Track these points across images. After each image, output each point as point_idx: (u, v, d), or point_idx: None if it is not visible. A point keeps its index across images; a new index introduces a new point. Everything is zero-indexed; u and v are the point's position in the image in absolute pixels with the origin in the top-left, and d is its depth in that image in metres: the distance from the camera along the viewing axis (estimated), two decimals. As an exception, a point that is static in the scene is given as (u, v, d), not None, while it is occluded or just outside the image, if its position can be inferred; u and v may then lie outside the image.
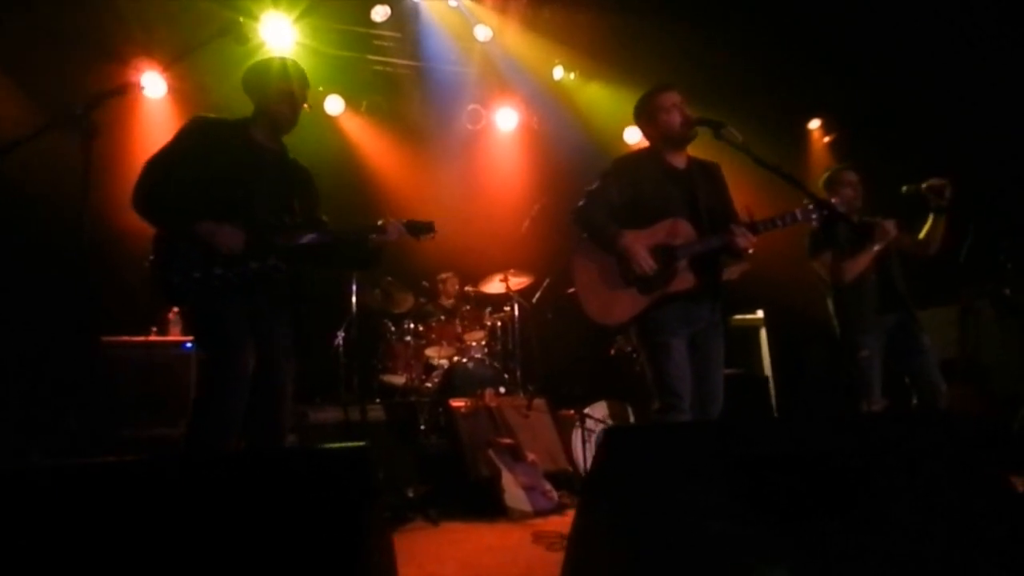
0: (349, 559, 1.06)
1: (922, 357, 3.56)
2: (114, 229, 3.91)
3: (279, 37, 6.01)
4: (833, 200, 3.03)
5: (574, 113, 7.04)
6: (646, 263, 2.78)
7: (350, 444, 1.19)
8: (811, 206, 2.64)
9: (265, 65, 2.77)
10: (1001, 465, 2.00)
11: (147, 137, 5.76)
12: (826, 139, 6.80)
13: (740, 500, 1.21)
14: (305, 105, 2.81)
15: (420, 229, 2.99)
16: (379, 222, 2.87)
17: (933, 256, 3.61)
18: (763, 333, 6.44)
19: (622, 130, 6.98)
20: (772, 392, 6.17)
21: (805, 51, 6.10)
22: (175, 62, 4.55)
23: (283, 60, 2.84)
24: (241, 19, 5.66)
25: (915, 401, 3.59)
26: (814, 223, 2.74)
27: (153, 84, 5.65)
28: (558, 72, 6.91)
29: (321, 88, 6.45)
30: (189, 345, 4.47)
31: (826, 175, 3.80)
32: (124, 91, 2.09)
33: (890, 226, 3.47)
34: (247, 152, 2.66)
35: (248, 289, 2.52)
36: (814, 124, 6.84)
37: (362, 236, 2.81)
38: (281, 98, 2.69)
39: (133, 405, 3.59)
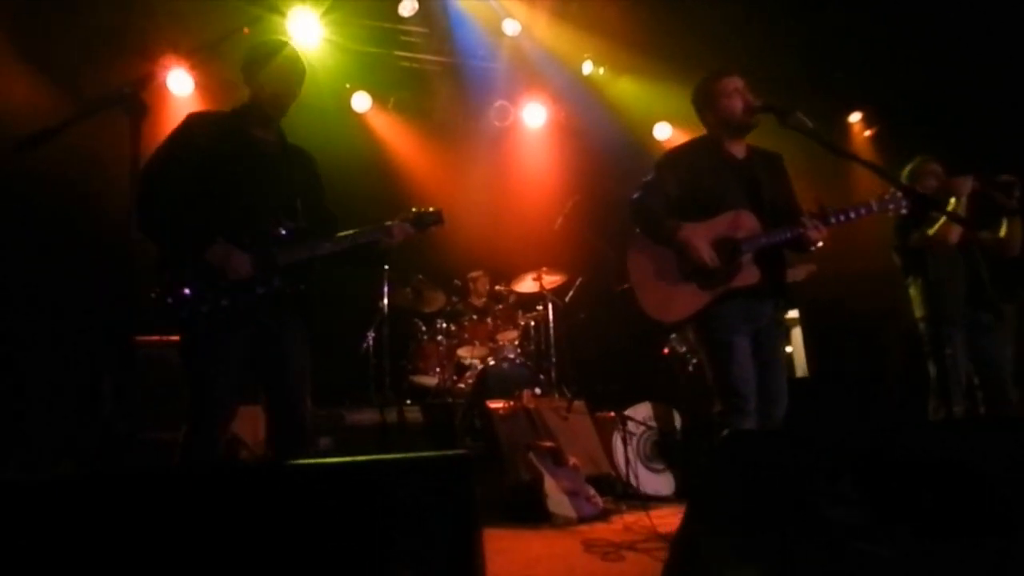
0: (457, 568, 0.95)
1: (1002, 367, 3.43)
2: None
3: (306, 33, 5.93)
4: (932, 188, 3.23)
5: (604, 108, 6.90)
6: (708, 256, 2.63)
7: (451, 452, 1.07)
8: (898, 195, 2.49)
9: (260, 48, 2.62)
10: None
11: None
12: (867, 133, 6.60)
13: (891, 518, 1.07)
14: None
15: (426, 221, 2.82)
16: (386, 223, 2.72)
17: (1016, 256, 3.46)
18: (797, 333, 6.26)
19: (652, 125, 6.83)
20: (811, 394, 6.01)
21: (844, 43, 5.92)
22: (198, 53, 4.47)
23: (278, 42, 2.69)
24: (269, 16, 5.60)
25: (982, 408, 3.43)
26: (891, 212, 2.58)
27: (180, 81, 5.58)
28: (587, 66, 6.77)
29: (348, 85, 6.37)
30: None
31: (909, 166, 3.72)
32: (160, 76, 1.97)
33: (967, 181, 3.34)
34: (243, 150, 2.50)
35: (255, 314, 2.41)
36: (855, 118, 6.64)
37: (366, 242, 2.67)
38: (272, 84, 2.53)
39: (170, 406, 3.48)
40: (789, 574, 1.04)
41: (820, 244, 2.67)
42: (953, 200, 3.46)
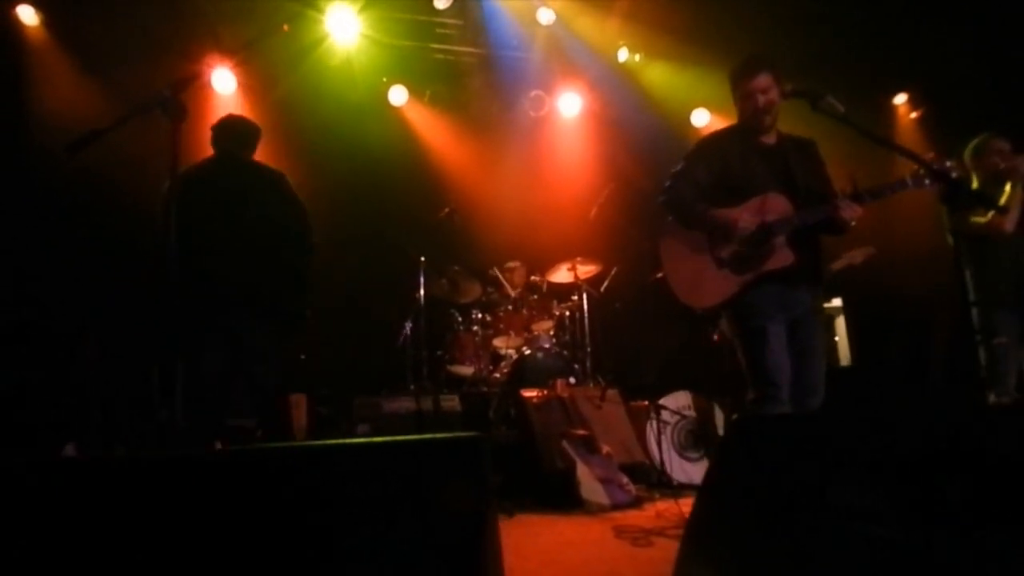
0: (471, 550, 0.99)
1: None
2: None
3: (343, 29, 6.03)
4: (997, 167, 3.26)
5: (639, 96, 6.84)
6: (745, 221, 2.62)
7: (465, 434, 1.12)
8: (922, 172, 2.43)
9: None
10: None
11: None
12: (913, 114, 6.40)
13: (904, 503, 1.07)
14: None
15: None
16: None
17: None
18: (841, 322, 6.13)
19: (689, 112, 6.75)
20: (854, 384, 5.89)
21: (888, 22, 5.74)
22: (241, 52, 4.61)
23: None
24: (307, 12, 5.71)
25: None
26: (928, 188, 2.52)
27: (223, 80, 5.74)
28: (622, 54, 6.72)
29: (385, 79, 6.46)
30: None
31: (974, 143, 3.67)
32: (203, 75, 2.06)
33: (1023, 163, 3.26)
34: None
35: None
36: (900, 99, 6.45)
37: None
38: None
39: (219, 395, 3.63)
40: (796, 560, 1.06)
41: (854, 224, 2.63)
42: (1009, 186, 3.36)
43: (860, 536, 1.13)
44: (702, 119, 6.77)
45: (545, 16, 6.46)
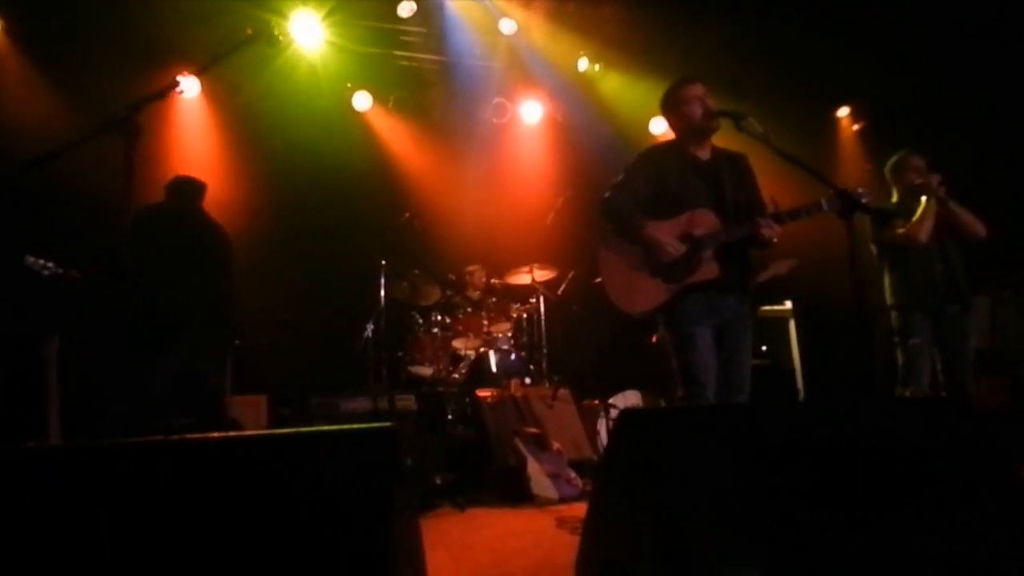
0: (376, 538, 1.13)
1: (962, 357, 3.57)
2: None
3: (308, 35, 6.14)
4: (912, 182, 3.53)
5: (599, 105, 7.05)
6: (673, 247, 2.81)
7: (376, 424, 1.25)
8: (834, 197, 2.64)
9: None
10: (1019, 455, 2.01)
11: (182, 138, 5.95)
12: (855, 127, 6.71)
13: (761, 485, 1.26)
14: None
15: None
16: None
17: (984, 239, 3.60)
18: (792, 324, 6.40)
19: (648, 121, 6.96)
20: (799, 382, 6.17)
21: (832, 39, 6.03)
22: (209, 66, 4.69)
23: None
24: (271, 19, 5.80)
25: (943, 393, 3.59)
26: (837, 213, 2.74)
27: (188, 85, 5.81)
28: (583, 64, 6.92)
29: (349, 84, 6.57)
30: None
31: (893, 159, 3.90)
32: (165, 94, 2.17)
33: (935, 180, 3.51)
34: None
35: None
36: (843, 112, 6.76)
37: None
38: None
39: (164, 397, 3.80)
40: (667, 536, 1.24)
41: (775, 240, 2.85)
42: (923, 200, 3.61)
43: (727, 514, 1.31)
44: (660, 127, 7.00)
45: (507, 26, 6.63)
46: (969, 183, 3.89)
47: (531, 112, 7.04)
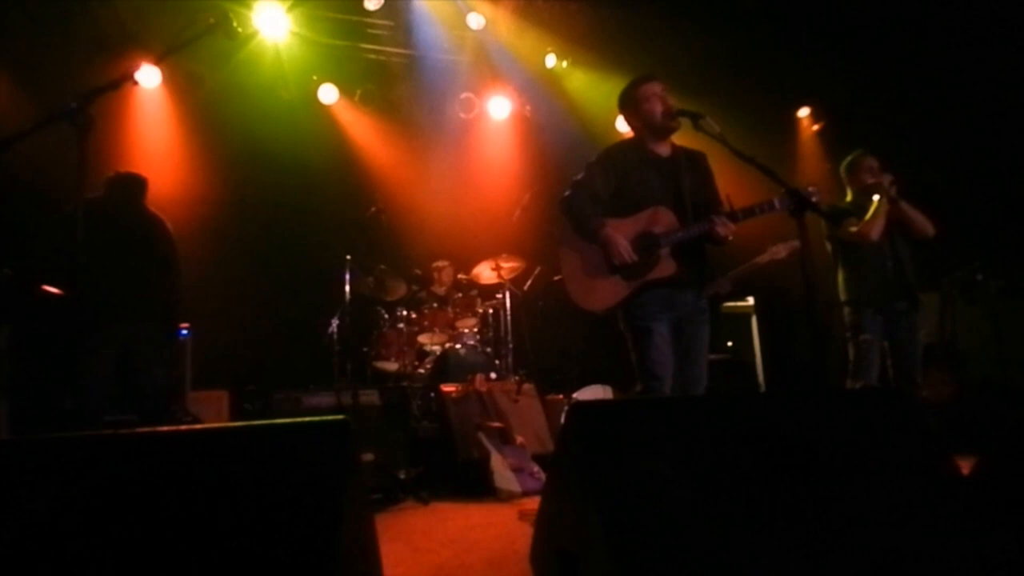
0: (327, 532, 1.14)
1: (911, 351, 3.69)
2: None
3: (273, 26, 6.06)
4: (865, 182, 3.65)
5: (566, 101, 7.10)
6: (626, 253, 2.85)
7: (329, 418, 1.27)
8: (786, 196, 2.71)
9: None
10: (964, 446, 2.10)
11: (141, 129, 5.84)
12: (815, 127, 6.88)
13: (701, 472, 1.31)
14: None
15: None
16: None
17: (933, 237, 3.73)
18: (754, 320, 6.54)
19: (614, 118, 7.00)
20: (760, 376, 6.32)
21: (793, 40, 6.17)
22: (167, 55, 4.61)
23: None
24: (234, 8, 5.72)
25: (892, 386, 3.71)
26: (789, 211, 2.82)
27: (148, 75, 5.70)
28: (550, 60, 6.95)
29: (315, 77, 6.51)
30: (185, 332, 4.56)
31: (848, 159, 4.01)
32: (119, 85, 2.14)
33: (887, 180, 3.61)
34: None
35: None
36: (803, 112, 6.92)
37: None
38: None
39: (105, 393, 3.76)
40: (612, 524, 1.27)
41: (731, 238, 2.91)
42: (876, 199, 3.73)
43: (673, 504, 1.36)
44: (626, 125, 7.06)
45: (475, 21, 6.64)
46: (919, 183, 4.03)
47: (499, 108, 7.05)
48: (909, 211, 3.72)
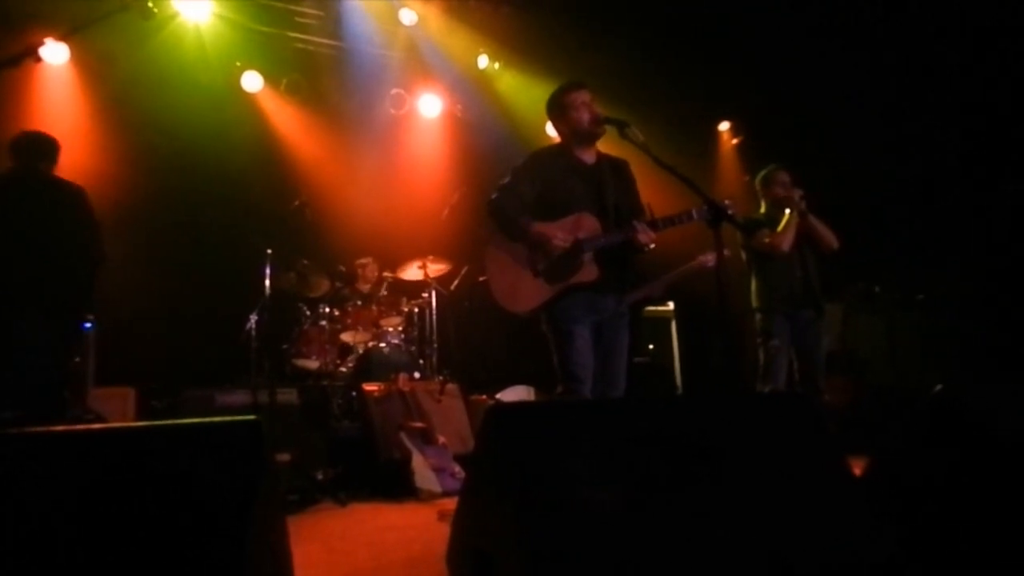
0: (235, 534, 1.11)
1: (815, 357, 3.90)
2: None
3: (194, 7, 5.82)
4: (778, 195, 3.86)
5: (498, 103, 7.12)
6: (560, 241, 2.90)
7: (240, 417, 1.23)
8: (704, 207, 2.82)
9: None
10: (860, 447, 2.24)
11: (45, 107, 5.48)
12: (734, 141, 7.17)
13: (611, 471, 1.35)
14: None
15: None
16: None
17: (837, 250, 3.95)
18: (673, 324, 6.75)
19: (545, 122, 7.05)
20: (678, 378, 6.53)
21: (716, 57, 6.41)
22: (76, 32, 4.32)
23: None
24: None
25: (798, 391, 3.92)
26: (707, 222, 2.93)
27: (54, 52, 5.35)
28: (483, 61, 6.97)
29: (239, 63, 6.29)
30: (88, 325, 4.31)
31: (762, 173, 4.19)
32: (19, 62, 2.01)
33: (797, 194, 3.80)
34: None
35: None
36: (723, 126, 7.20)
37: None
38: None
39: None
40: (528, 523, 1.29)
41: (652, 246, 3.00)
42: (787, 212, 3.92)
43: (582, 500, 1.39)
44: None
45: (407, 16, 6.58)
46: (826, 199, 4.26)
47: (429, 105, 7.00)
48: (816, 225, 3.93)
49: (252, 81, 6.32)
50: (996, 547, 1.55)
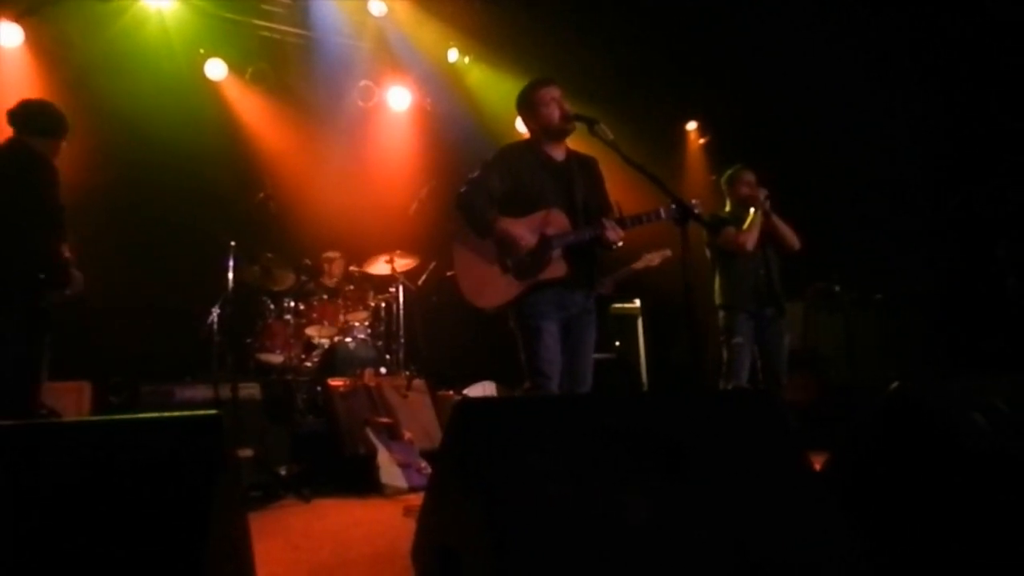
0: (193, 532, 1.08)
1: (778, 355, 3.97)
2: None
3: (158, -8, 5.67)
4: (743, 195, 3.92)
5: (467, 97, 7.09)
6: (524, 242, 2.89)
7: (199, 412, 1.20)
8: (672, 206, 2.84)
9: None
10: (820, 443, 2.29)
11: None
12: (701, 140, 7.26)
13: (582, 468, 1.35)
14: None
15: None
16: None
17: (799, 250, 4.02)
18: (639, 321, 6.82)
19: (514, 117, 7.03)
20: (644, 375, 6.60)
21: (685, 56, 6.48)
22: (30, 13, 4.15)
23: None
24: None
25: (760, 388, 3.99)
26: (674, 220, 2.96)
27: (7, 33, 5.16)
28: (453, 54, 6.92)
29: (203, 51, 6.14)
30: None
31: (728, 172, 4.24)
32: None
33: (762, 194, 3.88)
34: None
35: None
36: (691, 126, 7.28)
37: None
38: None
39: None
40: (494, 528, 1.29)
41: (620, 243, 3.02)
42: (752, 211, 3.99)
43: (549, 495, 1.39)
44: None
45: (377, 7, 6.50)
46: (790, 200, 4.34)
47: (399, 98, 6.94)
48: (779, 225, 4.01)
49: (216, 69, 6.17)
50: (951, 540, 1.60)
